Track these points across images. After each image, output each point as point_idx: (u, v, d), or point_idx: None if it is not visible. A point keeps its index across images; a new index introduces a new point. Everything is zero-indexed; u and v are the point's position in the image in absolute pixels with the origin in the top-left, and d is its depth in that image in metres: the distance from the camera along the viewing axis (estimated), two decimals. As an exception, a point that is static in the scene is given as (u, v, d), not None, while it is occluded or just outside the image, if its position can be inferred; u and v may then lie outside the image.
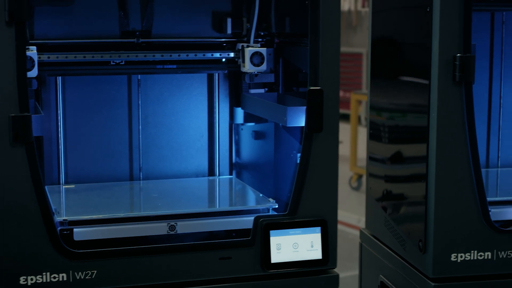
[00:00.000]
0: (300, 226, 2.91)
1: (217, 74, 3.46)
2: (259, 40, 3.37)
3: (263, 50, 3.27)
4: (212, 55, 3.33)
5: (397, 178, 3.22)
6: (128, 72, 3.35)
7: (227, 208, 3.09)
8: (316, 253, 2.92)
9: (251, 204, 3.15)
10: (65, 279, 2.71)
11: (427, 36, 2.83)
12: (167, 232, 2.87)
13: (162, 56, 3.27)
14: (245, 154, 3.58)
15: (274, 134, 3.33)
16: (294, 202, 2.91)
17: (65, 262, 2.71)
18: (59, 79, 3.27)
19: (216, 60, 3.36)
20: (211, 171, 3.52)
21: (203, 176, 3.51)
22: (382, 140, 3.35)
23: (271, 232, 2.87)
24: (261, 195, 3.16)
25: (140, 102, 3.41)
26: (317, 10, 2.82)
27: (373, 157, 3.45)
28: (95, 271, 2.74)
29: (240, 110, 3.49)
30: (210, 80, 3.48)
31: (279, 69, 3.41)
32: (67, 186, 3.30)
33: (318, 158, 2.90)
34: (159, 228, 2.86)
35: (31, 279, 2.69)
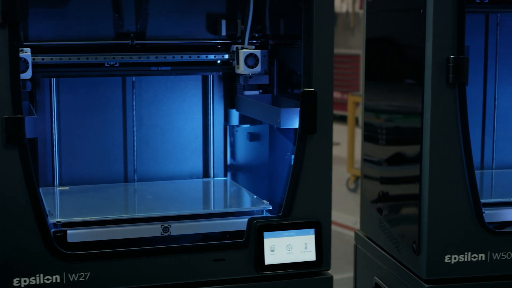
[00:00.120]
0: (294, 228, 2.91)
1: (212, 76, 3.46)
2: (254, 42, 3.37)
3: (258, 52, 3.27)
4: (207, 57, 3.33)
5: (391, 180, 3.22)
6: (123, 74, 3.35)
7: (221, 210, 3.09)
8: (310, 255, 2.92)
9: (245, 206, 3.15)
10: (59, 281, 2.71)
11: (421, 38, 2.83)
12: (161, 234, 2.87)
13: (157, 58, 3.27)
14: (240, 156, 3.58)
15: (269, 136, 3.33)
16: (288, 204, 2.91)
17: (59, 264, 2.71)
18: (54, 81, 3.27)
19: (211, 62, 3.36)
20: (206, 173, 3.52)
21: (198, 178, 3.51)
22: (376, 142, 3.35)
23: (265, 234, 2.87)
24: (255, 197, 3.16)
25: (135, 104, 3.41)
26: (311, 12, 2.83)
27: (367, 159, 3.45)
28: (89, 273, 2.73)
29: (235, 112, 3.49)
30: (205, 82, 3.48)
31: (274, 71, 3.41)
32: (62, 188, 3.30)
33: (312, 160, 2.90)
34: (153, 230, 2.87)
35: (25, 281, 2.69)
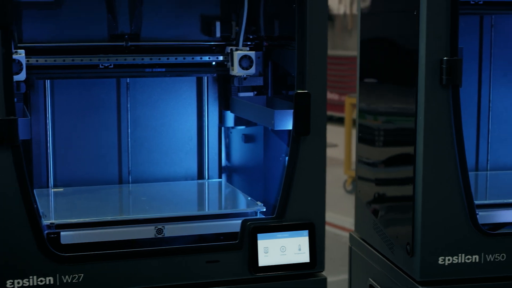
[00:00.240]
0: (288, 230, 2.90)
1: (206, 78, 3.46)
2: (248, 44, 3.37)
3: (252, 54, 3.27)
4: (201, 59, 3.32)
5: (385, 181, 3.22)
6: (117, 76, 3.35)
7: (215, 212, 3.08)
8: (304, 257, 2.91)
9: (239, 208, 3.15)
10: (52, 283, 2.71)
11: (414, 40, 2.83)
12: (155, 236, 2.87)
13: (151, 60, 3.27)
14: (235, 158, 3.58)
15: (264, 138, 3.33)
16: (282, 205, 2.90)
17: (52, 266, 2.70)
18: (48, 83, 3.27)
19: (205, 64, 3.35)
20: (200, 175, 3.52)
21: (192, 180, 3.51)
22: (370, 143, 3.35)
23: (259, 236, 2.87)
24: (249, 199, 3.16)
25: (129, 106, 3.40)
26: (304, 13, 2.82)
27: (362, 160, 3.45)
28: (82, 275, 2.73)
29: (230, 114, 3.49)
30: (199, 84, 3.48)
31: (268, 73, 3.41)
32: (56, 190, 3.29)
33: (306, 161, 2.90)
34: (147, 232, 2.86)
35: (18, 283, 2.68)
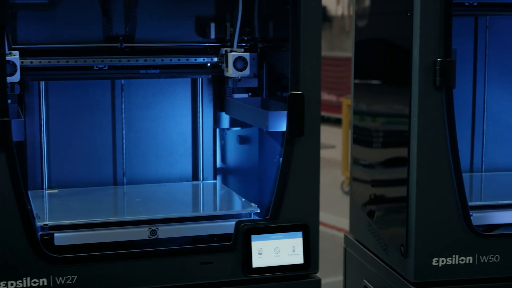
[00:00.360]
0: (282, 231, 2.90)
1: (201, 79, 3.46)
2: (243, 45, 3.37)
3: (247, 55, 3.27)
4: (196, 60, 3.32)
5: (379, 183, 3.22)
6: (112, 77, 3.34)
7: (209, 213, 3.08)
8: (298, 258, 2.91)
9: (234, 209, 3.15)
10: (46, 284, 2.70)
11: (408, 41, 2.83)
12: (149, 237, 2.87)
13: (146, 61, 3.26)
14: (230, 159, 3.58)
15: (258, 139, 3.33)
16: (276, 207, 2.90)
17: (46, 267, 2.70)
18: (42, 84, 3.27)
19: (200, 65, 3.35)
20: (195, 176, 3.52)
21: (187, 181, 3.51)
22: (365, 145, 3.35)
23: (253, 237, 2.87)
24: (244, 200, 3.16)
25: (124, 107, 3.40)
26: (298, 15, 2.82)
27: (357, 162, 3.45)
28: (76, 276, 2.73)
29: (226, 115, 3.49)
30: (194, 85, 3.48)
31: (263, 74, 3.40)
32: (50, 191, 3.29)
33: (300, 163, 2.90)
34: (141, 233, 2.86)
35: (11, 284, 2.68)
